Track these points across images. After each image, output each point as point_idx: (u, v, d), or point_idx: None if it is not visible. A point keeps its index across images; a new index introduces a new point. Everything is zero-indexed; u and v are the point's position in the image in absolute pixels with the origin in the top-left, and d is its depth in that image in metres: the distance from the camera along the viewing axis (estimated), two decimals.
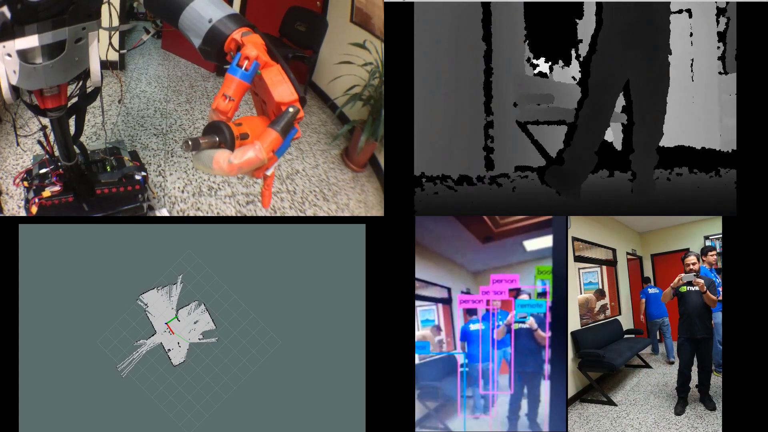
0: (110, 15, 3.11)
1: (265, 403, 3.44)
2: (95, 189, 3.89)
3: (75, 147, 3.74)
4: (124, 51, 3.76)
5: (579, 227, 4.27)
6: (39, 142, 3.79)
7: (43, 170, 3.88)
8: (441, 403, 3.73)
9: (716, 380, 3.94)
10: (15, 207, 4.28)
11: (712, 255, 4.14)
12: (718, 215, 3.60)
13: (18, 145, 3.97)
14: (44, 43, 2.76)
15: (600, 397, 4.22)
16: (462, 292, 3.91)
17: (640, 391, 4.37)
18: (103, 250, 3.42)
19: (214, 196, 4.72)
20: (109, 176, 3.96)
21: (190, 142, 2.09)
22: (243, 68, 2.15)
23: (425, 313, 3.74)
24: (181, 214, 4.44)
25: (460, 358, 3.79)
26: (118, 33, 3.28)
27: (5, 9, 2.63)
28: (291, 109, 2.12)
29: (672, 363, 4.58)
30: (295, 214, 4.51)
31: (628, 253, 4.90)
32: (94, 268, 3.42)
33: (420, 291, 3.64)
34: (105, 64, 3.25)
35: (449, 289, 3.90)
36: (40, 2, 2.65)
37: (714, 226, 3.71)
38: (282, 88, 2.15)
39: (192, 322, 3.44)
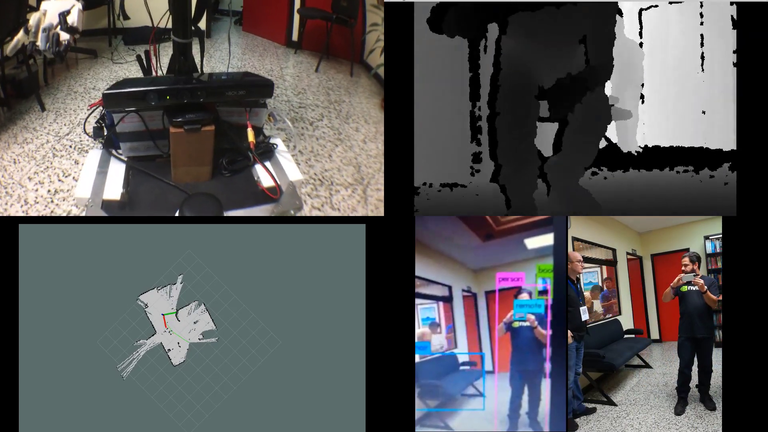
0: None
1: (265, 403, 3.44)
2: (198, 70, 3.51)
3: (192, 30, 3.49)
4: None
5: (579, 227, 4.27)
6: (138, 57, 3.53)
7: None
8: (441, 401, 3.73)
9: (716, 380, 3.94)
10: None
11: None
12: (718, 215, 3.60)
13: (124, 16, 3.87)
14: None
15: (600, 397, 4.22)
16: (463, 290, 3.91)
17: (640, 391, 4.37)
18: (104, 250, 3.42)
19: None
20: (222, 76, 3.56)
21: None
22: None
23: (426, 311, 3.74)
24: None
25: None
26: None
27: None
28: None
29: None
30: (344, 134, 5.34)
31: (628, 253, 4.89)
32: (94, 268, 3.42)
33: (421, 289, 3.64)
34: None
35: (450, 287, 3.90)
36: None
37: (714, 226, 3.71)
38: None
39: (192, 322, 3.44)
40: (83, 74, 6.05)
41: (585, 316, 4.06)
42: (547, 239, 3.69)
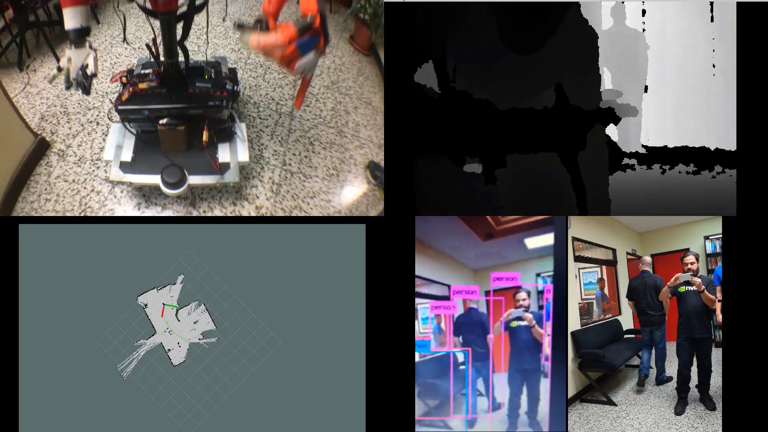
0: None
1: (265, 403, 3.44)
2: (188, 87, 4.26)
3: (179, 48, 4.13)
4: None
5: (579, 227, 4.26)
6: (147, 45, 4.12)
7: (146, 70, 4.32)
8: (441, 401, 3.74)
9: (716, 380, 3.94)
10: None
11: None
12: (718, 215, 3.60)
13: (125, 40, 4.56)
14: None
15: (600, 397, 4.22)
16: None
17: (640, 391, 4.36)
18: (103, 250, 3.43)
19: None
20: (204, 83, 4.38)
21: (240, 25, 2.96)
22: None
23: (425, 311, 3.74)
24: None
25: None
26: None
27: None
28: (309, 17, 2.77)
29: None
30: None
31: (628, 253, 4.88)
32: (94, 268, 3.42)
33: (420, 288, 3.64)
34: None
35: (450, 287, 3.90)
36: None
37: (714, 226, 3.70)
38: (307, 2, 2.81)
39: (192, 322, 3.45)
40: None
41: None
42: (547, 239, 3.69)
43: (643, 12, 4.88)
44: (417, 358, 3.59)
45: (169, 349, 3.44)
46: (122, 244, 3.44)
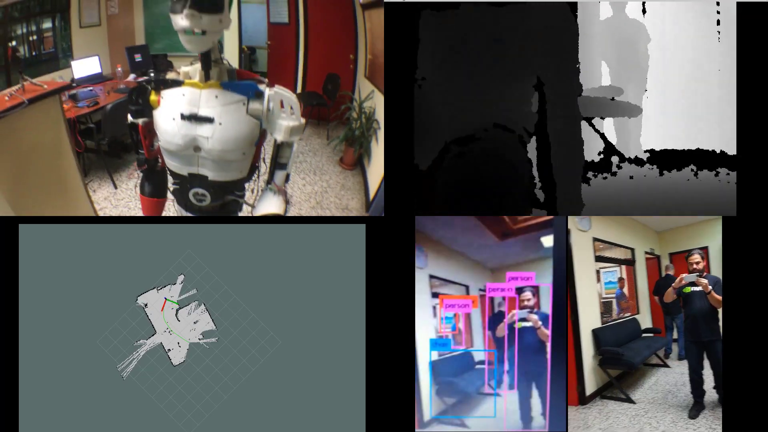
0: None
1: (265, 403, 3.45)
2: None
3: None
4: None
5: (599, 227, 4.24)
6: None
7: None
8: (458, 399, 3.73)
9: None
10: None
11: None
12: (718, 215, 3.55)
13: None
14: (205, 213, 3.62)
15: (619, 394, 4.21)
16: (480, 290, 3.89)
17: (658, 390, 4.35)
18: (103, 250, 3.45)
19: None
20: None
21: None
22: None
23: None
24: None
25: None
26: None
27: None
28: None
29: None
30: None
31: (646, 252, 4.85)
32: (94, 268, 3.45)
33: (437, 289, 3.63)
34: None
35: (467, 287, 3.88)
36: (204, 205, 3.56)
37: None
38: None
39: (192, 322, 3.46)
40: None
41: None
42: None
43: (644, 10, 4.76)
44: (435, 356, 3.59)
45: (169, 349, 3.46)
46: (122, 244, 3.46)
